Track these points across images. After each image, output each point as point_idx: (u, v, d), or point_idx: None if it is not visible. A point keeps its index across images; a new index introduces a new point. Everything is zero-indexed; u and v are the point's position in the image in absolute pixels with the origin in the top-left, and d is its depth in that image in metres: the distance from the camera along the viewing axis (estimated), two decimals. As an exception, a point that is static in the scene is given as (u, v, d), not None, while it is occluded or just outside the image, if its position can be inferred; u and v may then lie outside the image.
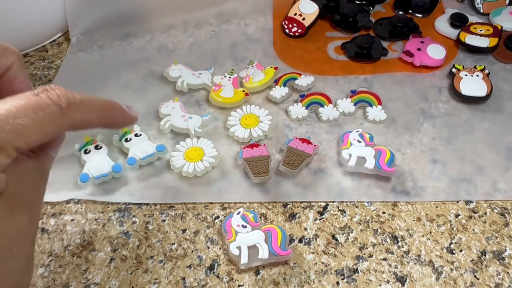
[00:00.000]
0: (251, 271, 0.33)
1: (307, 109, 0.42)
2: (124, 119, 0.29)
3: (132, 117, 0.30)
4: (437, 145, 0.40)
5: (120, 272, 0.33)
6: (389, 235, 0.34)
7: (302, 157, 0.37)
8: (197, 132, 0.41)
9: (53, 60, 0.51)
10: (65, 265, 0.34)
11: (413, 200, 0.36)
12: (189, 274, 0.33)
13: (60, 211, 0.37)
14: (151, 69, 0.48)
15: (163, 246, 0.35)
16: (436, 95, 0.44)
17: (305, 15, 0.51)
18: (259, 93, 0.45)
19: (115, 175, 0.38)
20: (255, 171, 0.36)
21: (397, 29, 0.49)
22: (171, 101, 0.43)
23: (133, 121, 0.30)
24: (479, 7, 0.52)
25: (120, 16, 0.52)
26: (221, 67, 0.48)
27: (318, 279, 0.32)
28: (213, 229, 0.35)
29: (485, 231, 0.34)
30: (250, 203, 0.37)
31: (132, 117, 0.30)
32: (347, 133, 0.39)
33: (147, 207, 0.37)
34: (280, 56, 0.49)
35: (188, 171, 0.37)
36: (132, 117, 0.30)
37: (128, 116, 0.29)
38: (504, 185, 0.37)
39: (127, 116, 0.30)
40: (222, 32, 0.52)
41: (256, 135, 0.40)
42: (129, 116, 0.29)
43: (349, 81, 0.46)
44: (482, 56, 0.47)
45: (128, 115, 0.29)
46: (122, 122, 0.29)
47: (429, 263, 0.33)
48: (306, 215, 0.36)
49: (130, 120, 0.30)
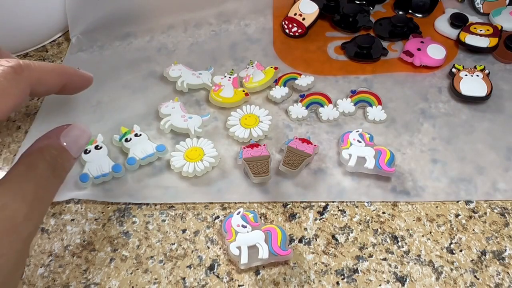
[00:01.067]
0: (251, 271, 0.33)
1: (307, 109, 0.42)
2: (80, 78, 0.31)
3: (87, 75, 0.32)
4: (437, 145, 0.40)
5: (120, 272, 0.33)
6: (389, 235, 0.34)
7: (302, 157, 0.37)
8: (197, 132, 0.41)
9: (53, 60, 0.51)
10: (65, 265, 0.34)
11: (413, 200, 0.36)
12: (189, 274, 0.33)
13: (60, 211, 0.37)
14: (151, 69, 0.48)
15: (163, 246, 0.35)
16: (436, 95, 0.44)
17: (305, 15, 0.51)
18: (259, 93, 0.45)
19: (115, 175, 0.38)
20: (255, 171, 0.36)
21: (397, 29, 0.49)
22: (171, 101, 0.43)
23: (90, 80, 0.32)
24: (479, 7, 0.52)
25: (120, 16, 0.52)
26: (221, 67, 0.48)
27: (318, 279, 0.32)
28: (213, 229, 0.35)
29: (485, 231, 0.34)
30: (250, 203, 0.37)
31: (87, 75, 0.32)
32: (347, 133, 0.39)
33: (147, 207, 0.37)
34: (280, 56, 0.49)
35: (188, 171, 0.37)
36: (87, 75, 0.32)
37: (83, 75, 0.31)
38: (504, 185, 0.37)
39: (82, 75, 0.31)
40: (222, 32, 0.52)
41: (256, 135, 0.40)
42: (84, 74, 0.31)
43: (349, 81, 0.46)
44: (482, 56, 0.47)
45: (83, 74, 0.31)
46: (79, 80, 0.31)
47: (429, 263, 0.33)
48: (306, 215, 0.36)
49: (86, 78, 0.32)
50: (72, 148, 0.28)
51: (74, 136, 0.28)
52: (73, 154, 0.28)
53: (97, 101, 0.45)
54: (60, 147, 0.27)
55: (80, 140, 0.29)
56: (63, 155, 0.27)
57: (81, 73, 0.31)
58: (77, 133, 0.29)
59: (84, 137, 0.29)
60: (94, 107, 0.44)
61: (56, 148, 0.26)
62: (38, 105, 0.45)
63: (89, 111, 0.44)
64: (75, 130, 0.29)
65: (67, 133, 0.28)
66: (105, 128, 0.42)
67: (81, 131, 0.29)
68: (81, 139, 0.29)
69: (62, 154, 0.27)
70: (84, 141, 0.29)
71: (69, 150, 0.27)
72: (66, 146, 0.27)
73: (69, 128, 0.28)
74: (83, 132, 0.29)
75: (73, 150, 0.28)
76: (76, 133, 0.28)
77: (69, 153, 0.27)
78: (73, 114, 0.44)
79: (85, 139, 0.29)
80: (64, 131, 0.28)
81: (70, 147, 0.27)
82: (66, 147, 0.27)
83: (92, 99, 0.45)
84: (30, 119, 0.44)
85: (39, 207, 0.24)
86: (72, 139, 0.28)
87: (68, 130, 0.28)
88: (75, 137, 0.28)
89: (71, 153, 0.28)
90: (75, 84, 0.31)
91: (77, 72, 0.31)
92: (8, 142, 0.43)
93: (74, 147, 0.28)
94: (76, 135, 0.28)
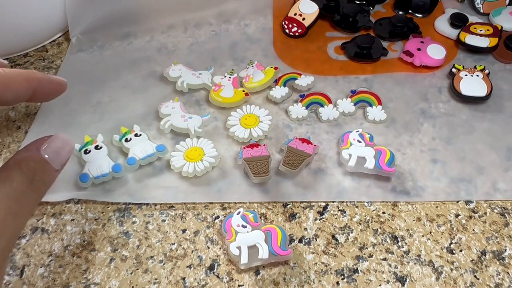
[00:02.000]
0: (251, 271, 0.33)
1: (307, 109, 0.42)
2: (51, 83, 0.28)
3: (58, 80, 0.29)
4: (437, 145, 0.40)
5: (120, 272, 0.33)
6: (389, 235, 0.34)
7: (302, 157, 0.37)
8: (197, 132, 0.41)
9: (53, 60, 0.51)
10: (65, 265, 0.34)
11: (413, 200, 0.36)
12: (189, 274, 0.33)
13: (60, 211, 0.37)
14: (151, 69, 0.48)
15: (163, 246, 0.35)
16: (436, 95, 0.44)
17: (305, 15, 0.51)
18: (259, 93, 0.45)
19: (115, 175, 0.38)
20: (255, 171, 0.36)
21: (397, 29, 0.49)
22: (171, 101, 0.43)
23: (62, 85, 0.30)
24: (479, 7, 0.52)
25: (120, 16, 0.52)
26: (221, 67, 0.48)
27: (318, 279, 0.32)
28: (213, 229, 0.35)
29: (485, 231, 0.34)
30: (250, 203, 0.37)
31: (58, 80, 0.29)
32: (347, 133, 0.39)
33: (147, 207, 0.37)
34: (280, 56, 0.49)
35: (188, 171, 0.37)
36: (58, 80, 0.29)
37: (54, 80, 0.29)
38: (504, 185, 0.37)
39: (53, 80, 0.29)
40: (222, 32, 0.52)
41: (256, 135, 0.40)
42: (55, 79, 0.29)
43: (349, 81, 0.46)
44: (482, 56, 0.47)
45: (54, 79, 0.29)
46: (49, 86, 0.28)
47: (429, 263, 0.33)
48: (306, 215, 0.36)
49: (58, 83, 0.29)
50: (53, 160, 0.26)
51: (55, 147, 0.27)
52: (55, 166, 0.26)
53: (97, 101, 0.45)
54: (39, 159, 0.25)
55: (62, 151, 0.27)
56: (43, 167, 0.26)
57: (52, 78, 0.29)
58: (59, 144, 0.27)
59: (66, 148, 0.28)
60: (94, 107, 0.44)
61: (35, 160, 0.25)
62: (38, 105, 0.45)
63: (89, 111, 0.44)
64: (56, 141, 0.27)
65: (49, 144, 0.27)
66: (105, 128, 0.42)
67: (63, 142, 0.28)
68: (64, 150, 0.27)
69: (42, 167, 0.25)
70: (67, 152, 0.28)
71: (50, 163, 0.26)
72: (48, 158, 0.26)
73: (50, 139, 0.27)
74: (66, 143, 0.28)
75: (55, 162, 0.26)
76: (57, 145, 0.27)
77: (50, 166, 0.26)
78: (73, 114, 0.44)
79: (67, 150, 0.28)
80: (45, 143, 0.26)
81: (51, 159, 0.26)
82: (48, 160, 0.26)
83: (92, 99, 0.45)
84: (30, 119, 0.44)
85: (12, 222, 0.22)
86: (53, 150, 0.26)
87: (50, 141, 0.27)
88: (56, 148, 0.27)
89: (53, 165, 0.26)
90: (46, 90, 0.28)
91: (47, 77, 0.29)
92: (8, 142, 0.43)
93: (56, 159, 0.26)
94: (57, 147, 0.27)
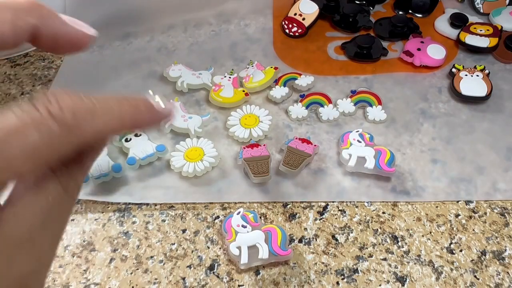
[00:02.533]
0: (251, 271, 0.33)
1: (307, 109, 0.42)
2: (153, 122, 0.21)
3: (163, 115, 0.21)
4: (437, 145, 0.40)
5: (120, 272, 0.33)
6: (389, 235, 0.34)
7: (302, 157, 0.37)
8: (197, 132, 0.41)
9: (53, 60, 0.51)
10: (65, 265, 0.34)
11: (413, 200, 0.36)
12: (189, 274, 0.33)
13: (60, 211, 0.37)
14: (151, 69, 0.48)
15: (163, 246, 0.35)
16: (436, 95, 0.44)
17: (305, 15, 0.51)
18: (259, 93, 0.45)
19: (115, 175, 0.38)
20: (255, 171, 0.36)
21: (397, 29, 0.49)
22: (171, 101, 0.43)
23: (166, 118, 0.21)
24: (479, 7, 0.52)
25: (120, 16, 0.52)
26: (221, 67, 0.48)
27: (318, 279, 0.32)
28: (213, 229, 0.35)
29: (485, 231, 0.34)
30: (250, 203, 0.37)
31: (163, 115, 0.21)
32: (347, 133, 0.39)
33: (147, 207, 0.37)
34: (280, 56, 0.49)
35: (188, 171, 0.37)
36: (163, 115, 0.21)
37: (157, 116, 0.21)
38: (504, 185, 0.37)
39: (156, 116, 0.21)
40: (222, 32, 0.52)
41: (256, 135, 0.40)
42: (159, 115, 0.21)
43: (349, 81, 0.46)
44: (482, 56, 0.47)
45: (158, 114, 0.21)
46: (151, 123, 0.21)
47: (429, 263, 0.33)
48: (306, 215, 0.36)
49: (159, 119, 0.21)
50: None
51: None
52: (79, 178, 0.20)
53: (97, 101, 0.45)
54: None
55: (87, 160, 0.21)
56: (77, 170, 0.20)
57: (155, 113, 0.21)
58: None
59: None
60: (94, 107, 0.44)
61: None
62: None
63: (89, 111, 0.44)
64: None
65: None
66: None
67: None
68: None
69: (76, 169, 0.20)
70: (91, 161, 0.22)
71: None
72: None
73: None
74: None
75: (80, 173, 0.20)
76: None
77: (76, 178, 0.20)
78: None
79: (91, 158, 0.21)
80: None
81: None
82: None
83: (92, 99, 0.45)
84: (30, 119, 0.44)
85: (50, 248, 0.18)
86: None
87: None
88: None
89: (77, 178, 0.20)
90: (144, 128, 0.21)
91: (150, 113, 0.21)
92: (8, 142, 0.43)
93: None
94: None
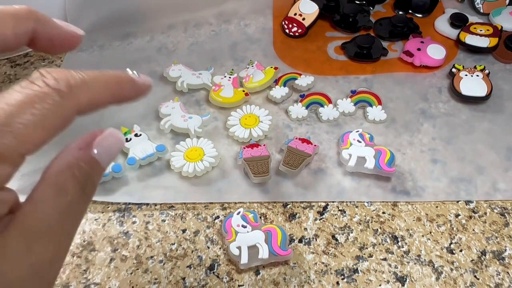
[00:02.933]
0: (251, 271, 0.33)
1: (307, 109, 0.42)
2: (136, 92, 0.24)
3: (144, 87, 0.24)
4: (437, 145, 0.40)
5: (120, 272, 0.33)
6: (389, 235, 0.34)
7: (302, 157, 0.37)
8: (197, 132, 0.41)
9: (53, 60, 0.51)
10: (65, 265, 0.34)
11: (413, 200, 0.36)
12: (189, 274, 0.33)
13: (60, 211, 0.37)
14: (151, 69, 0.48)
15: (163, 246, 0.35)
16: (436, 95, 0.44)
17: (305, 15, 0.51)
18: (259, 93, 0.45)
19: (115, 175, 0.38)
20: (255, 171, 0.36)
21: (397, 29, 0.49)
22: (171, 101, 0.43)
23: (146, 91, 0.25)
24: (479, 7, 0.52)
25: (120, 16, 0.52)
26: (221, 67, 0.48)
27: (318, 279, 0.32)
28: (213, 229, 0.35)
29: (485, 231, 0.34)
30: (250, 203, 0.37)
31: (144, 87, 0.24)
32: (347, 133, 0.39)
33: (147, 207, 0.37)
34: (280, 56, 0.49)
35: (188, 171, 0.37)
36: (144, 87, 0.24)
37: (139, 88, 0.24)
38: (504, 185, 0.37)
39: (139, 88, 0.24)
40: (222, 32, 0.52)
41: (256, 135, 0.40)
42: (141, 87, 0.24)
43: (349, 81, 0.46)
44: (482, 56, 0.47)
45: (140, 86, 0.24)
46: (134, 95, 0.24)
47: (429, 263, 0.33)
48: (306, 215, 0.36)
49: (142, 92, 0.24)
50: (104, 160, 0.22)
51: (107, 145, 0.23)
52: (104, 165, 0.23)
53: (97, 101, 0.45)
54: (92, 161, 0.22)
55: (112, 150, 0.23)
56: (95, 170, 0.22)
57: (137, 85, 0.24)
58: (112, 141, 0.23)
59: (118, 145, 0.24)
60: (94, 107, 0.44)
61: (87, 162, 0.21)
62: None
63: (89, 111, 0.44)
64: (110, 138, 0.23)
65: (101, 142, 0.23)
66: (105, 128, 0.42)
67: (116, 139, 0.24)
68: (115, 148, 0.24)
69: (93, 169, 0.22)
70: (118, 150, 0.24)
71: (101, 163, 0.22)
72: (99, 158, 0.22)
73: (103, 136, 0.23)
74: (117, 140, 0.24)
75: (104, 161, 0.22)
76: (110, 141, 0.23)
77: (100, 166, 0.22)
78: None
79: (118, 147, 0.24)
80: (97, 139, 0.22)
81: (102, 159, 0.22)
82: (99, 160, 0.22)
83: (92, 99, 0.45)
84: (30, 119, 0.44)
85: (66, 242, 0.19)
86: (105, 149, 0.22)
87: (103, 138, 0.23)
88: (109, 146, 0.23)
89: (102, 165, 0.22)
90: (127, 101, 0.24)
91: (133, 85, 0.23)
92: (8, 142, 0.43)
93: (106, 159, 0.22)
94: (110, 144, 0.23)
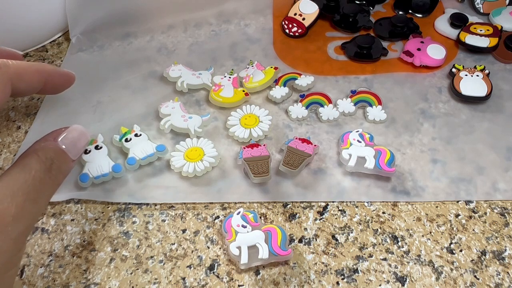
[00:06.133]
0: (251, 271, 0.33)
1: (307, 109, 0.42)
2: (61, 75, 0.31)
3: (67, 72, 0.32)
4: (437, 145, 0.40)
5: (120, 272, 0.33)
6: (389, 235, 0.34)
7: (302, 157, 0.37)
8: (197, 132, 0.41)
9: (53, 60, 0.51)
10: (65, 265, 0.34)
11: (413, 200, 0.36)
12: (189, 274, 0.33)
13: (60, 211, 0.37)
14: (151, 69, 0.48)
15: (163, 246, 0.35)
16: (436, 95, 0.44)
17: (305, 15, 0.51)
18: (259, 93, 0.45)
19: (115, 175, 0.38)
20: (255, 171, 0.36)
21: (397, 29, 0.49)
22: (171, 101, 0.43)
23: (71, 77, 0.32)
24: (479, 7, 0.52)
25: (120, 16, 0.52)
26: (221, 67, 0.48)
27: (318, 279, 0.32)
28: (213, 229, 0.35)
29: (485, 231, 0.34)
30: (250, 203, 0.37)
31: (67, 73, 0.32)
32: (347, 133, 0.39)
33: (147, 207, 0.37)
34: (280, 56, 0.49)
35: (188, 171, 0.37)
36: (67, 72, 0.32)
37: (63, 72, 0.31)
38: (504, 185, 0.37)
39: (63, 72, 0.31)
40: (222, 32, 0.52)
41: (256, 135, 0.40)
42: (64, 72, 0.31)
43: (349, 81, 0.46)
44: (482, 56, 0.47)
45: (64, 71, 0.31)
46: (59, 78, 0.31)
47: (429, 263, 0.33)
48: (306, 215, 0.36)
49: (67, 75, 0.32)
50: (70, 151, 0.27)
51: (72, 138, 0.28)
52: (72, 156, 0.28)
53: (97, 101, 0.45)
54: (57, 149, 0.27)
55: (78, 142, 0.29)
56: (61, 157, 0.27)
57: (61, 70, 0.31)
58: (76, 135, 0.29)
59: (83, 139, 0.29)
60: (94, 107, 0.44)
61: (53, 149, 0.26)
62: (38, 105, 0.45)
63: (89, 111, 0.44)
64: (73, 132, 0.29)
65: (66, 135, 0.28)
66: (105, 128, 0.42)
67: (80, 133, 0.29)
68: (80, 141, 0.29)
69: (59, 156, 0.27)
70: (83, 143, 0.29)
71: (67, 153, 0.27)
72: (65, 148, 0.27)
73: (67, 130, 0.28)
74: (82, 134, 0.29)
75: (71, 153, 0.28)
76: (74, 135, 0.28)
77: (67, 155, 0.27)
78: (73, 114, 0.44)
79: (84, 141, 0.29)
80: (62, 133, 0.28)
81: (68, 149, 0.27)
82: (65, 150, 0.27)
83: (92, 99, 0.45)
84: (30, 119, 0.44)
85: (30, 208, 0.23)
86: (70, 140, 0.28)
87: (67, 132, 0.28)
88: (73, 139, 0.28)
89: (70, 155, 0.27)
90: (56, 81, 0.31)
91: (57, 69, 0.31)
92: (8, 142, 0.43)
93: (72, 150, 0.28)
94: (74, 137, 0.28)
